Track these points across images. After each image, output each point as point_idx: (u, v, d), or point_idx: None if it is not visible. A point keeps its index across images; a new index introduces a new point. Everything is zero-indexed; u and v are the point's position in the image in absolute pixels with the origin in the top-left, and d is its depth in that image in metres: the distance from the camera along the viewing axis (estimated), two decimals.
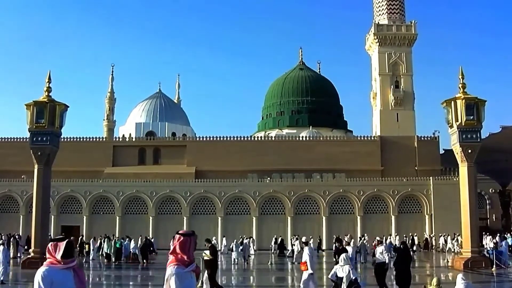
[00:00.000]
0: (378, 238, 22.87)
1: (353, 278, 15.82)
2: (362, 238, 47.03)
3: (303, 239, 19.27)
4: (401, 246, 20.98)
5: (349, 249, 25.85)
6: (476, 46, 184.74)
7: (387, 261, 20.61)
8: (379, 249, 21.16)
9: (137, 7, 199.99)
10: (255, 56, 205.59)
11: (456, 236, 50.86)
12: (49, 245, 6.15)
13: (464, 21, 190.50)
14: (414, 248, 52.41)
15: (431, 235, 58.26)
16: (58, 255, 6.05)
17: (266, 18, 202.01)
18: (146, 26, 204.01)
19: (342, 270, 16.25)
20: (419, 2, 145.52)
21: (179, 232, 6.52)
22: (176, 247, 6.34)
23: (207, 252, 20.14)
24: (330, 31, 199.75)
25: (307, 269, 17.53)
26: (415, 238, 56.24)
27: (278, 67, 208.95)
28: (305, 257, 17.76)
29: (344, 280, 16.00)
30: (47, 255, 6.14)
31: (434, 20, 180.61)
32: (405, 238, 50.56)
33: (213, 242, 21.93)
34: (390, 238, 51.35)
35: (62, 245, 6.09)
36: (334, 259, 22.34)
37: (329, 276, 17.73)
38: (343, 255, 17.01)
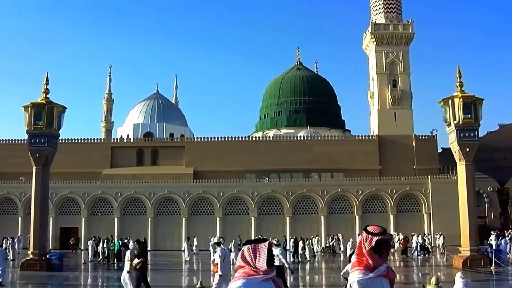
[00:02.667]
0: (275, 240, 21.05)
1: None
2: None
3: (215, 240, 18.93)
4: (353, 249, 19.67)
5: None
6: (473, 44, 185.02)
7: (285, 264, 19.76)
8: (276, 251, 19.94)
9: (134, 8, 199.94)
10: (252, 56, 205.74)
11: (439, 234, 51.37)
12: (245, 249, 4.86)
13: (461, 19, 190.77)
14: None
15: (412, 234, 57.64)
16: (260, 263, 4.77)
17: (263, 18, 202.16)
18: (143, 27, 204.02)
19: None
20: (416, 1, 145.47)
21: (374, 231, 5.28)
22: (363, 249, 5.24)
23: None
24: (327, 30, 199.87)
25: (218, 271, 17.75)
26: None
27: (276, 67, 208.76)
28: (217, 258, 17.79)
29: None
30: (241, 262, 4.84)
31: (431, 19, 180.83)
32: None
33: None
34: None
35: (264, 248, 4.81)
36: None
37: (341, 274, 17.91)
38: (354, 255, 17.08)
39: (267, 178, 64.03)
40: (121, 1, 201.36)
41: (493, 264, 30.48)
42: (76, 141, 70.21)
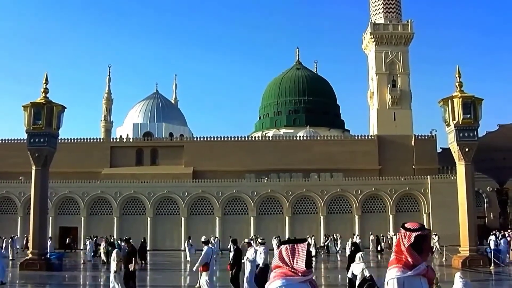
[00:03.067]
0: (246, 240, 20.88)
1: (368, 275, 16.04)
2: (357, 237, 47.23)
3: (202, 238, 18.82)
4: (352, 248, 19.22)
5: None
6: (472, 44, 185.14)
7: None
8: (260, 249, 19.84)
9: (134, 7, 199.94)
10: (252, 56, 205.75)
11: (433, 234, 51.16)
12: (282, 248, 4.73)
13: (461, 19, 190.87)
14: (379, 248, 52.10)
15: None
16: (299, 264, 4.62)
17: (263, 18, 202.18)
18: (143, 27, 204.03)
19: (357, 268, 16.71)
20: (416, 1, 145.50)
21: (412, 228, 5.15)
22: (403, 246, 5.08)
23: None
24: (327, 30, 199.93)
25: (206, 270, 17.81)
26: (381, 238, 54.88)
27: (275, 67, 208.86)
28: (203, 258, 17.82)
29: (358, 277, 16.39)
30: (278, 262, 4.70)
31: (431, 19, 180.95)
32: (358, 238, 50.60)
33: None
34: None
35: (302, 249, 4.68)
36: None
37: (348, 275, 18.03)
38: (359, 254, 17.37)
39: (266, 178, 64.04)
40: (120, 1, 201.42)
41: (492, 264, 30.49)
42: (75, 140, 70.20)
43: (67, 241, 54.56)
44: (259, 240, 22.18)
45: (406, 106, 74.78)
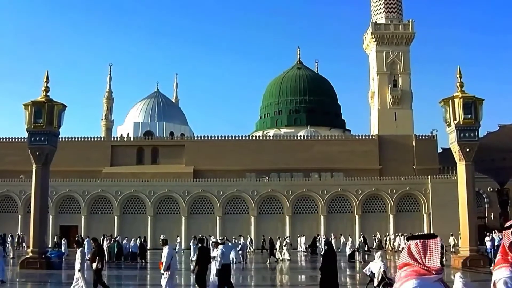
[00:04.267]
0: (214, 239, 20.51)
1: (383, 271, 16.55)
2: (361, 237, 47.14)
3: (161, 237, 18.72)
4: (326, 247, 18.90)
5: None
6: (474, 44, 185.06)
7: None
8: (219, 248, 19.42)
9: (135, 6, 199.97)
10: (253, 55, 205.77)
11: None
12: (412, 244, 4.33)
13: (462, 19, 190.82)
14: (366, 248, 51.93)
15: (386, 235, 57.71)
16: (432, 261, 4.24)
17: (264, 17, 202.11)
18: (143, 26, 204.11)
19: (376, 266, 17.09)
20: (417, 0, 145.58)
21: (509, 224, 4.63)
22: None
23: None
24: (328, 30, 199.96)
25: (166, 270, 17.77)
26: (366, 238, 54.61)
27: (276, 67, 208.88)
28: (164, 258, 17.78)
29: (376, 275, 16.82)
30: (407, 259, 4.31)
31: (432, 19, 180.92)
32: (332, 237, 50.45)
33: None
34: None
35: (435, 245, 4.29)
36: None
37: (364, 271, 18.20)
38: (378, 253, 17.90)
39: (267, 178, 64.04)
40: (121, 0, 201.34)
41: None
42: (76, 139, 70.19)
43: (55, 241, 53.45)
44: (218, 240, 21.94)
45: (407, 106, 74.83)
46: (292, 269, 35.83)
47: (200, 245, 19.80)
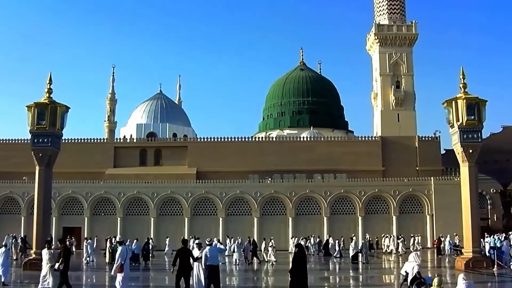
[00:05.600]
0: (197, 241, 20.37)
1: (417, 272, 16.96)
2: (365, 239, 47.15)
3: (117, 238, 18.68)
4: (296, 249, 18.76)
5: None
6: (477, 46, 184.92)
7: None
8: (203, 250, 19.26)
9: (138, 8, 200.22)
10: (256, 56, 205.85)
11: (401, 237, 52.86)
12: None
13: (465, 21, 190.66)
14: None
15: (376, 237, 57.67)
16: None
17: (267, 18, 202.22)
18: (147, 27, 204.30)
19: (409, 266, 17.53)
20: (420, 2, 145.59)
21: None
22: None
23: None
24: (331, 31, 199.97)
25: (120, 272, 17.85)
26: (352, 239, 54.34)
27: (279, 68, 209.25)
28: (119, 258, 17.75)
29: (410, 275, 17.25)
30: None
31: (435, 20, 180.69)
32: (303, 239, 50.36)
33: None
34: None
35: None
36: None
37: (401, 271, 18.76)
38: (412, 254, 18.12)
39: (270, 179, 64.02)
40: (125, 1, 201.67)
41: (495, 266, 30.41)
42: (79, 141, 70.32)
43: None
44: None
45: (410, 107, 74.78)
46: (276, 270, 35.13)
47: (182, 246, 19.66)
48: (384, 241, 55.10)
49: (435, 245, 50.30)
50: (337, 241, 48.89)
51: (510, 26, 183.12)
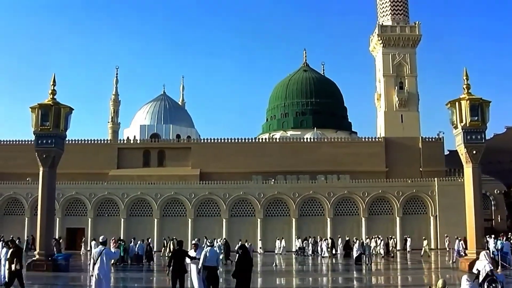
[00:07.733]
0: (193, 241, 20.31)
1: (489, 270, 17.15)
2: (367, 240, 47.04)
3: (100, 239, 18.72)
4: (240, 251, 18.65)
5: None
6: (480, 47, 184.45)
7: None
8: (197, 252, 19.30)
9: (142, 10, 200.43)
10: (259, 58, 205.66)
11: (388, 239, 51.57)
12: None
13: (468, 22, 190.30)
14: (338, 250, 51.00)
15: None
16: None
17: (270, 20, 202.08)
18: (150, 29, 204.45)
19: (481, 264, 17.75)
20: (423, 3, 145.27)
21: None
22: None
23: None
24: (334, 32, 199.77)
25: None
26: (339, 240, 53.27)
27: (282, 69, 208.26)
28: (95, 259, 17.82)
29: (482, 273, 17.48)
30: None
31: (438, 21, 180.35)
32: (247, 242, 49.37)
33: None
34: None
35: None
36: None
37: (473, 270, 18.71)
38: (483, 252, 18.42)
39: (273, 180, 64.05)
40: (128, 3, 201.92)
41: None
42: (83, 142, 70.50)
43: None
44: (196, 242, 21.77)
45: (414, 108, 74.62)
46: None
47: (178, 247, 19.66)
48: (370, 243, 53.65)
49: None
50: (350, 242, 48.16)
51: None
